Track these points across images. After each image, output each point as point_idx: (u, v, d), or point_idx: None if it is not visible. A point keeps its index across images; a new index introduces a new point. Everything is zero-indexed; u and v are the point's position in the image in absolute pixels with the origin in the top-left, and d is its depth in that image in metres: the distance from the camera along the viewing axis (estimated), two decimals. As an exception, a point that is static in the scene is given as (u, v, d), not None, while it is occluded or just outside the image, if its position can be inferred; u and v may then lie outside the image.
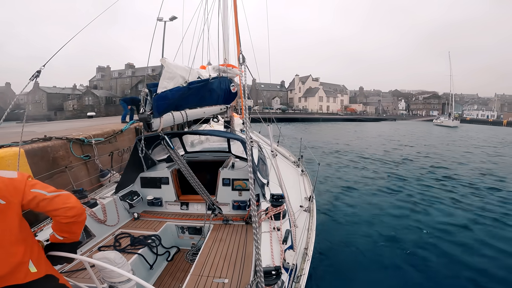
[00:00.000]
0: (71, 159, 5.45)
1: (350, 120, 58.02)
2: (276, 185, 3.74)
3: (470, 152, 17.14)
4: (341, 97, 78.40)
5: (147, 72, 57.02)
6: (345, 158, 14.21)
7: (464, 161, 14.01)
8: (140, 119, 2.64)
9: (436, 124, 52.94)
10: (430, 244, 5.17)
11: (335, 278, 4.18)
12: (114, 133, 7.24)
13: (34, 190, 1.43)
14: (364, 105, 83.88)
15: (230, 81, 4.34)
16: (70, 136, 5.67)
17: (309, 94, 71.50)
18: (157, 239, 3.26)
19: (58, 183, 4.93)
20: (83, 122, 11.59)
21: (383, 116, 73.72)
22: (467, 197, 7.86)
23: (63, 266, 2.55)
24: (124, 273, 1.66)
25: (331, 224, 6.03)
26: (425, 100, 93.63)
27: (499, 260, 4.63)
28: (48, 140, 5.06)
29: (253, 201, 1.90)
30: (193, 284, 2.35)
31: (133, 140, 8.30)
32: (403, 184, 9.18)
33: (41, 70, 2.57)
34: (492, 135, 33.01)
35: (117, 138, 7.38)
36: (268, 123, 6.23)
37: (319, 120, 52.80)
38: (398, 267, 4.50)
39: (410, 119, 73.95)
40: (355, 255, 4.84)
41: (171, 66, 2.85)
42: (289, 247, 2.27)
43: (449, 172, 11.12)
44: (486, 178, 10.32)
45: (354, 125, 46.50)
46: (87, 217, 3.06)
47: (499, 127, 53.80)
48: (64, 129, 7.56)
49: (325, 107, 71.86)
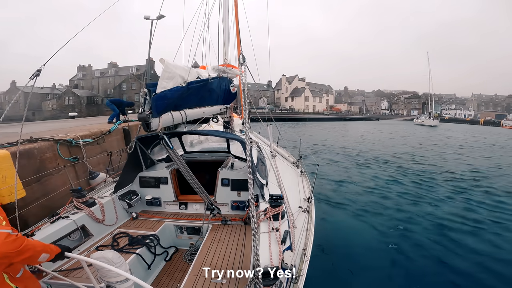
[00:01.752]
0: (59, 161, 5.22)
1: (336, 120, 59.06)
2: (275, 185, 3.74)
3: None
4: (327, 97, 79.71)
5: (131, 71, 55.72)
6: (340, 158, 14.38)
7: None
8: (139, 118, 2.61)
9: (417, 123, 54.26)
10: (430, 244, 5.24)
11: (333, 279, 4.19)
12: (102, 133, 7.00)
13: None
14: (348, 104, 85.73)
15: (230, 81, 4.34)
16: (57, 137, 5.43)
17: (296, 94, 72.19)
18: (156, 239, 3.24)
19: (46, 187, 4.71)
20: (66, 123, 11.12)
21: (367, 116, 75.72)
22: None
23: (61, 266, 2.52)
24: (121, 273, 1.66)
25: (330, 225, 6.03)
26: (406, 100, 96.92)
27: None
28: (34, 141, 4.82)
29: (252, 201, 1.89)
30: (191, 284, 2.34)
31: (121, 141, 8.10)
32: (404, 184, 9.26)
33: (42, 69, 2.53)
34: (470, 134, 34.14)
35: (105, 139, 7.14)
36: (268, 123, 6.26)
37: (305, 120, 53.42)
38: (398, 267, 4.54)
39: (392, 119, 76.46)
40: (353, 256, 4.86)
41: (170, 66, 2.82)
42: (288, 248, 2.27)
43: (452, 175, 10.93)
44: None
45: (343, 124, 47.33)
46: (84, 216, 3.07)
47: (476, 126, 56.45)
48: (47, 130, 7.23)
49: (311, 106, 72.79)
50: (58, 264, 2.50)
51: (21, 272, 1.66)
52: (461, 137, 29.59)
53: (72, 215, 3.02)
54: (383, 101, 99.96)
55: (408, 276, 4.33)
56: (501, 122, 58.40)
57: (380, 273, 4.40)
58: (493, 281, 4.16)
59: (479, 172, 11.26)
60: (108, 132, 7.30)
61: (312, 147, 17.75)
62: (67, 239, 2.88)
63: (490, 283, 4.13)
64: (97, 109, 47.74)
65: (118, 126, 7.97)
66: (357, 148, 18.50)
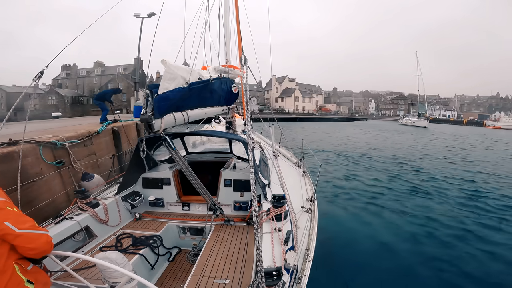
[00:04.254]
0: (42, 166, 4.77)
1: (326, 120, 59.63)
2: (277, 186, 3.78)
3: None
4: (316, 97, 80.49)
5: (118, 70, 54.21)
6: (342, 159, 14.24)
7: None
8: (142, 120, 2.64)
9: (404, 124, 54.66)
10: (431, 244, 5.21)
11: (336, 279, 4.16)
12: (89, 134, 6.53)
13: (6, 222, 1.47)
14: (337, 105, 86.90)
15: (231, 82, 4.34)
16: (39, 139, 4.96)
17: (286, 95, 72.47)
18: (159, 239, 3.27)
19: (28, 197, 4.26)
20: (49, 123, 10.53)
21: (356, 116, 77.09)
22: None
23: (66, 265, 2.49)
24: (126, 273, 1.68)
25: (332, 225, 5.97)
26: (392, 101, 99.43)
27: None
28: (14, 144, 4.36)
29: (255, 202, 1.89)
30: (194, 284, 2.35)
31: (110, 143, 7.68)
32: (405, 185, 9.22)
33: (44, 71, 2.57)
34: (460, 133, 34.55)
35: (93, 140, 6.67)
36: (270, 123, 6.23)
37: (296, 120, 53.75)
38: (400, 268, 4.50)
39: (380, 119, 78.18)
40: (356, 256, 4.82)
41: (171, 67, 2.85)
42: (290, 248, 2.27)
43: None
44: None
45: (334, 125, 47.42)
46: (88, 217, 3.12)
47: (461, 126, 58.25)
48: (29, 131, 6.70)
49: (301, 107, 73.27)
50: (64, 263, 2.47)
51: (31, 265, 1.67)
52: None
53: (76, 216, 3.04)
54: (371, 101, 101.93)
55: (412, 276, 4.29)
56: (484, 122, 60.74)
57: (384, 274, 4.35)
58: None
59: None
60: (96, 133, 6.82)
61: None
62: (71, 240, 2.91)
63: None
64: (82, 109, 46.20)
65: (107, 127, 7.49)
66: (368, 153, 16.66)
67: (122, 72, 53.27)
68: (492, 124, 57.56)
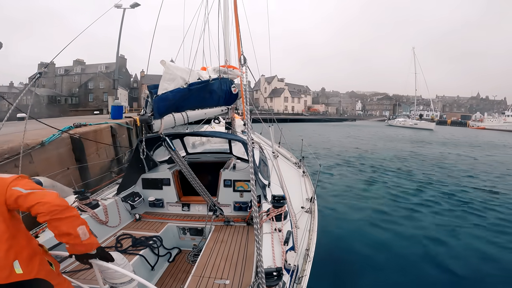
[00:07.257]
0: None
1: (315, 121, 60.01)
2: (277, 186, 3.79)
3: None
4: (305, 97, 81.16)
5: (100, 69, 52.08)
6: (343, 161, 13.96)
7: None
8: (141, 120, 2.65)
9: (402, 125, 51.35)
10: (431, 245, 5.16)
11: (337, 279, 4.15)
12: (25, 149, 4.25)
13: (14, 187, 1.46)
14: (326, 105, 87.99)
15: (231, 82, 4.33)
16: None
17: (275, 95, 72.61)
18: (159, 240, 3.27)
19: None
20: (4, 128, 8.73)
21: (344, 117, 78.22)
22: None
23: (65, 267, 2.52)
24: (127, 273, 1.67)
25: (333, 225, 5.95)
26: (378, 101, 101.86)
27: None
28: None
29: (255, 202, 1.89)
30: (195, 285, 2.34)
31: (66, 155, 5.53)
32: (407, 186, 9.08)
33: (42, 71, 2.57)
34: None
35: (33, 156, 4.52)
36: (269, 124, 6.20)
37: (286, 121, 53.74)
38: (400, 268, 4.48)
39: (367, 119, 79.64)
40: (357, 256, 4.81)
41: (171, 67, 2.86)
42: (291, 248, 2.27)
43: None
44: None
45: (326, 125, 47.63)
46: (88, 218, 3.05)
47: (445, 126, 59.22)
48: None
49: (290, 107, 73.66)
50: (63, 265, 2.49)
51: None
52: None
53: None
54: (357, 102, 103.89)
55: (412, 276, 4.28)
56: (467, 122, 61.18)
57: (384, 274, 4.34)
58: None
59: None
60: (40, 145, 4.71)
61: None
62: None
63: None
64: (60, 109, 44.19)
65: (61, 134, 5.49)
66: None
67: (104, 71, 51.39)
68: (476, 124, 57.11)
